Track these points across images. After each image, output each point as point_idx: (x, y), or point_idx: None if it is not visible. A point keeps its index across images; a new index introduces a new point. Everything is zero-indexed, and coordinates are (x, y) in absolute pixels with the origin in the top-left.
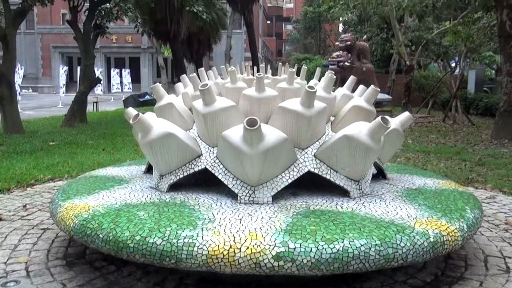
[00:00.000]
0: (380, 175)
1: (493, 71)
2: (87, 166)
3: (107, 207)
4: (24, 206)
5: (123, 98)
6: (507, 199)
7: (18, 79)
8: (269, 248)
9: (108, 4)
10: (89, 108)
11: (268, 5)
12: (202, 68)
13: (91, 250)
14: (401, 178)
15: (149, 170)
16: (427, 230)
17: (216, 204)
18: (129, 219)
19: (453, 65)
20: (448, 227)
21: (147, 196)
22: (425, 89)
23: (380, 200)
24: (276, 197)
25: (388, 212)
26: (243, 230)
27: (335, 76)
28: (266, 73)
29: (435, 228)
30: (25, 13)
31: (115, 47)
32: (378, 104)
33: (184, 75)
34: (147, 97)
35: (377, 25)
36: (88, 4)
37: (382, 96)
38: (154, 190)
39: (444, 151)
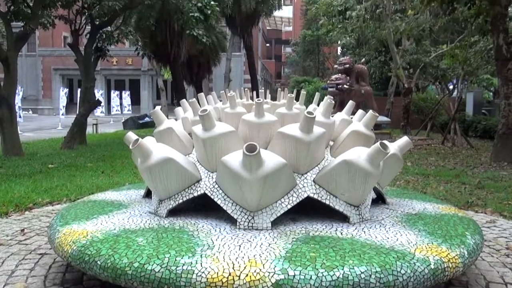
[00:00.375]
0: (379, 199)
1: (491, 94)
2: (85, 189)
3: (106, 233)
4: (22, 230)
5: (123, 120)
6: (507, 223)
7: (18, 100)
8: (268, 275)
9: (109, 28)
10: (89, 130)
11: (267, 28)
12: (202, 93)
13: (89, 276)
14: (400, 202)
15: (148, 194)
16: (427, 257)
17: (215, 230)
18: (127, 245)
19: (451, 87)
20: (448, 253)
21: (146, 222)
22: (424, 111)
23: (380, 226)
24: (276, 223)
25: (388, 238)
26: (242, 257)
27: (333, 102)
28: (265, 97)
29: (436, 255)
30: (27, 36)
31: (116, 69)
32: (377, 126)
33: (184, 100)
34: (147, 119)
35: (375, 48)
36: (90, 27)
37: (381, 118)
38: (153, 215)
39: (444, 174)
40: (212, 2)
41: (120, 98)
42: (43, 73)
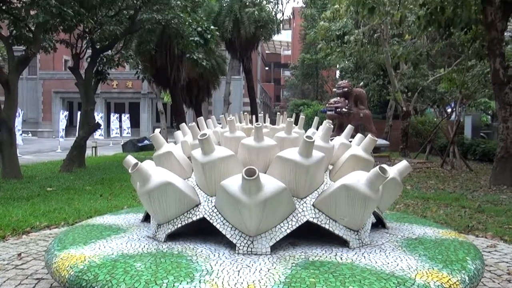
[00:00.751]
0: (379, 224)
1: (489, 117)
2: (84, 212)
3: (104, 257)
4: (19, 254)
5: (122, 143)
6: (508, 247)
7: (18, 123)
8: None
9: (110, 51)
10: (88, 152)
11: (267, 52)
12: (202, 117)
13: None
14: (400, 227)
15: (146, 218)
16: (428, 283)
17: (214, 255)
18: (125, 270)
19: (449, 110)
20: (449, 279)
21: (144, 246)
22: (422, 134)
23: (380, 251)
24: (275, 248)
25: (388, 263)
26: (241, 283)
27: (332, 126)
28: (264, 121)
29: (437, 280)
30: (28, 60)
31: (116, 92)
32: (375, 149)
33: (184, 123)
34: (146, 142)
35: (373, 72)
36: (90, 51)
37: (380, 141)
38: (152, 239)
39: (443, 198)
40: (212, 27)
41: (120, 121)
42: (43, 96)
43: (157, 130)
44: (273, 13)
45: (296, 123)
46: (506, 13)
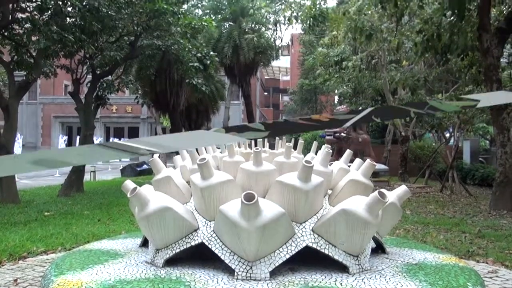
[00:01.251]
0: (379, 249)
1: (487, 142)
2: (81, 237)
3: (101, 283)
4: (15, 280)
5: (121, 167)
6: (509, 273)
7: (17, 148)
8: None
9: (110, 77)
10: (87, 177)
11: (266, 77)
12: None
13: None
14: (400, 252)
15: (145, 243)
16: None
17: (213, 281)
18: None
19: (447, 135)
20: None
21: (142, 272)
22: (421, 159)
23: (380, 276)
24: (274, 273)
25: None
26: None
27: (331, 151)
28: (263, 146)
29: None
30: (28, 85)
31: (115, 117)
32: (374, 174)
33: None
34: (145, 166)
35: (371, 97)
36: (91, 76)
37: (379, 166)
38: (150, 265)
39: (443, 223)
40: (211, 53)
41: None
42: (43, 121)
43: (156, 155)
44: (272, 39)
45: (295, 147)
46: (501, 40)
